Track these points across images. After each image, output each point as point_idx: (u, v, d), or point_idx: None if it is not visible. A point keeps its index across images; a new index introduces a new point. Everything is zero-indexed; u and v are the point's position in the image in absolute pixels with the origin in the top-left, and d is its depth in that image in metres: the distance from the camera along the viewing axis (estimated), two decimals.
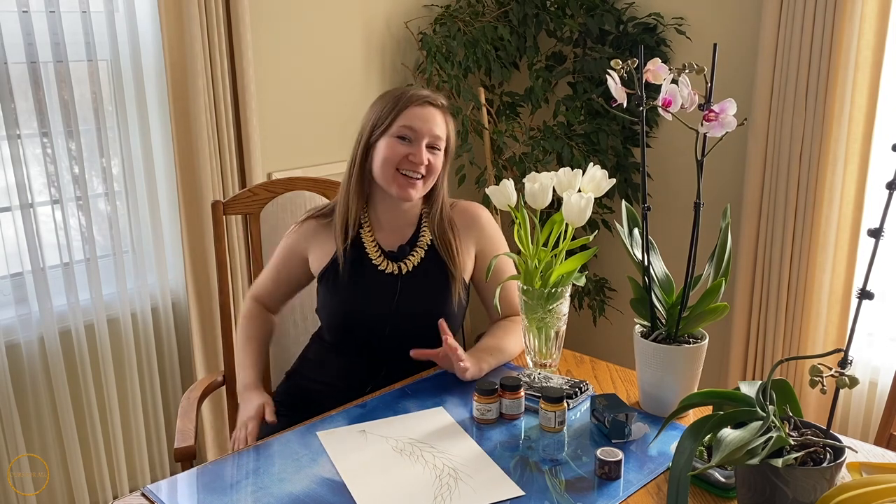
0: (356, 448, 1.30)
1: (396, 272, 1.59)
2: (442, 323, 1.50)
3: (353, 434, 1.34)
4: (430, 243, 1.62)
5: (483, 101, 2.79)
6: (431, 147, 1.56)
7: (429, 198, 1.64)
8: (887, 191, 1.02)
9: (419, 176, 1.55)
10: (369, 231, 1.62)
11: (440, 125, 1.57)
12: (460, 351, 1.48)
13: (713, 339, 1.58)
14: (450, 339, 1.48)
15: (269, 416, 1.48)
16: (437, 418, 1.39)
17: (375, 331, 1.59)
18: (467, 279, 1.66)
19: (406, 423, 1.37)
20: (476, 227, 1.67)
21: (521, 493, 1.16)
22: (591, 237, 1.56)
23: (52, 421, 2.18)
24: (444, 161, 1.60)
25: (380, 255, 1.61)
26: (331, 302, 1.61)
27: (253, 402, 1.52)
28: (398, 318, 1.58)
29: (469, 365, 1.48)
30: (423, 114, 1.55)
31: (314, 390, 1.64)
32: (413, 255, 1.61)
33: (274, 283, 1.73)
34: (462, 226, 1.65)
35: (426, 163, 1.54)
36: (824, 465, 1.00)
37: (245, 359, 1.66)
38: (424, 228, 1.63)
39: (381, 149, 1.55)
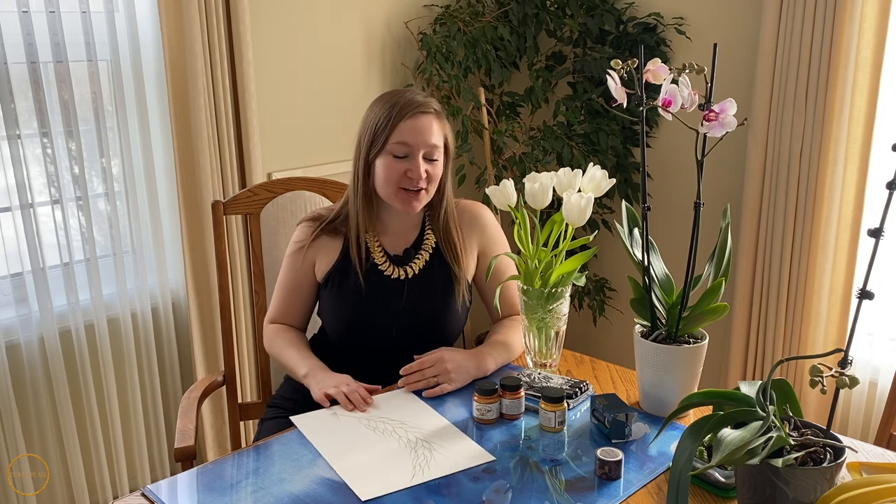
0: (331, 428, 1.36)
1: (403, 277, 1.60)
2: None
3: (324, 416, 1.40)
4: (434, 246, 1.63)
5: (483, 101, 2.79)
6: (428, 157, 1.54)
7: (432, 200, 1.63)
8: (887, 191, 1.02)
9: (420, 188, 1.54)
10: (374, 236, 1.62)
11: (435, 133, 1.54)
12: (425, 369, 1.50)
13: (713, 339, 1.58)
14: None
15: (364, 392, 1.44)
16: (403, 397, 1.47)
17: (381, 335, 1.59)
18: (470, 279, 1.66)
19: (374, 403, 1.44)
20: (478, 226, 1.67)
21: (493, 458, 1.24)
22: (591, 237, 1.56)
23: (52, 421, 2.18)
24: (445, 162, 1.59)
25: (385, 261, 1.61)
26: (336, 307, 1.61)
27: (334, 377, 1.48)
28: (403, 322, 1.58)
29: (439, 379, 1.48)
30: (414, 126, 1.51)
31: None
32: (418, 259, 1.62)
33: (288, 303, 1.66)
34: (464, 225, 1.66)
35: (424, 176, 1.53)
36: (824, 465, 1.00)
37: (297, 354, 1.57)
38: (429, 231, 1.64)
39: (380, 168, 1.54)
